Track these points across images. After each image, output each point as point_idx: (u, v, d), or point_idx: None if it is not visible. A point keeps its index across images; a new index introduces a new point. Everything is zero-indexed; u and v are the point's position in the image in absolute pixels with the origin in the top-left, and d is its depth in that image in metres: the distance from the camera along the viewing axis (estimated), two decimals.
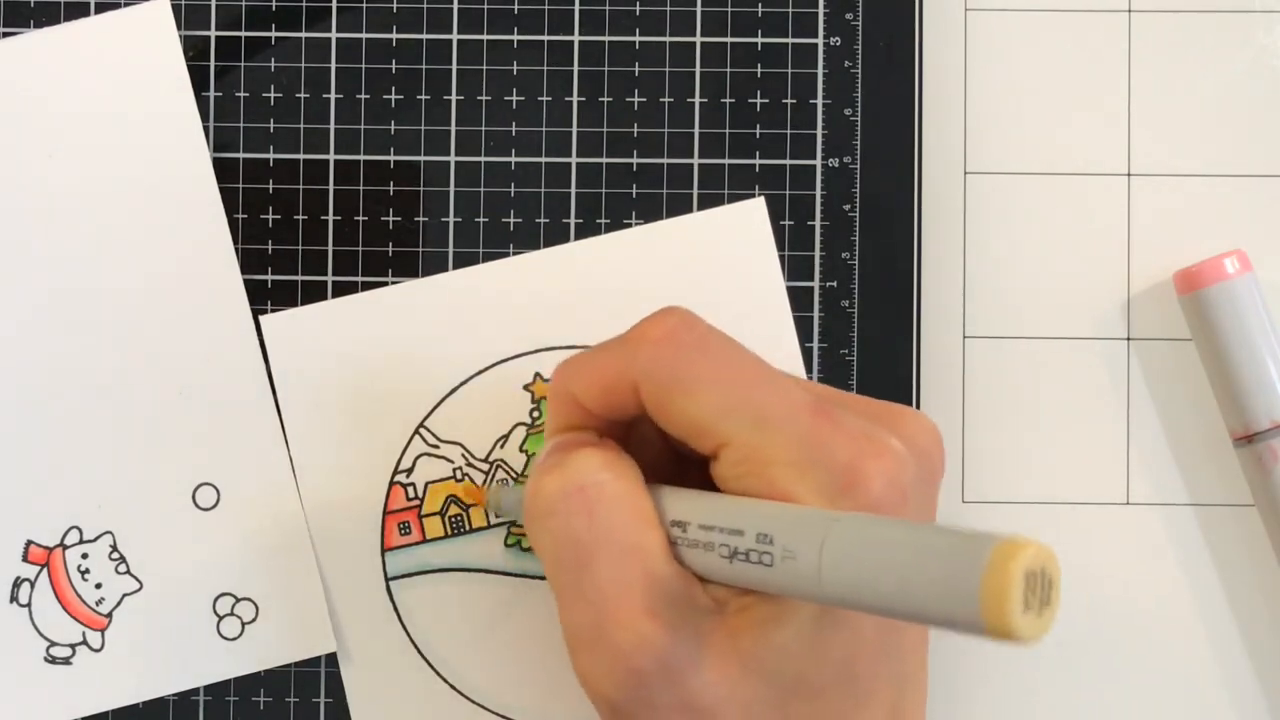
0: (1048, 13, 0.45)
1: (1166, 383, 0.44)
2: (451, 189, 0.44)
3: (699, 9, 0.44)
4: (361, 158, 0.44)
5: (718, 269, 0.44)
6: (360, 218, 0.44)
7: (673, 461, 0.36)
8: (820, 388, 0.36)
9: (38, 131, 0.43)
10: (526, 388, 0.44)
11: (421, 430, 0.43)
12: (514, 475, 0.43)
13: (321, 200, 0.44)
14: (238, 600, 0.43)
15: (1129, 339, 0.45)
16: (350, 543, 0.43)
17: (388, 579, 0.43)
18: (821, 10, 0.44)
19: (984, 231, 0.45)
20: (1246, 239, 0.44)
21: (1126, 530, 0.44)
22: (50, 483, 0.43)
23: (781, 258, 0.44)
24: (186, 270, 0.43)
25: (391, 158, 0.44)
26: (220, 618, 0.43)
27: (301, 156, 0.44)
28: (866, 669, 0.33)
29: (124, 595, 0.43)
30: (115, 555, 0.43)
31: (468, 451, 0.43)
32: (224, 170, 0.44)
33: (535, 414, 0.44)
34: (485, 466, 0.43)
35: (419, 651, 0.43)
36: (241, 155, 0.44)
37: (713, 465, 0.34)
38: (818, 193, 0.44)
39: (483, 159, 0.44)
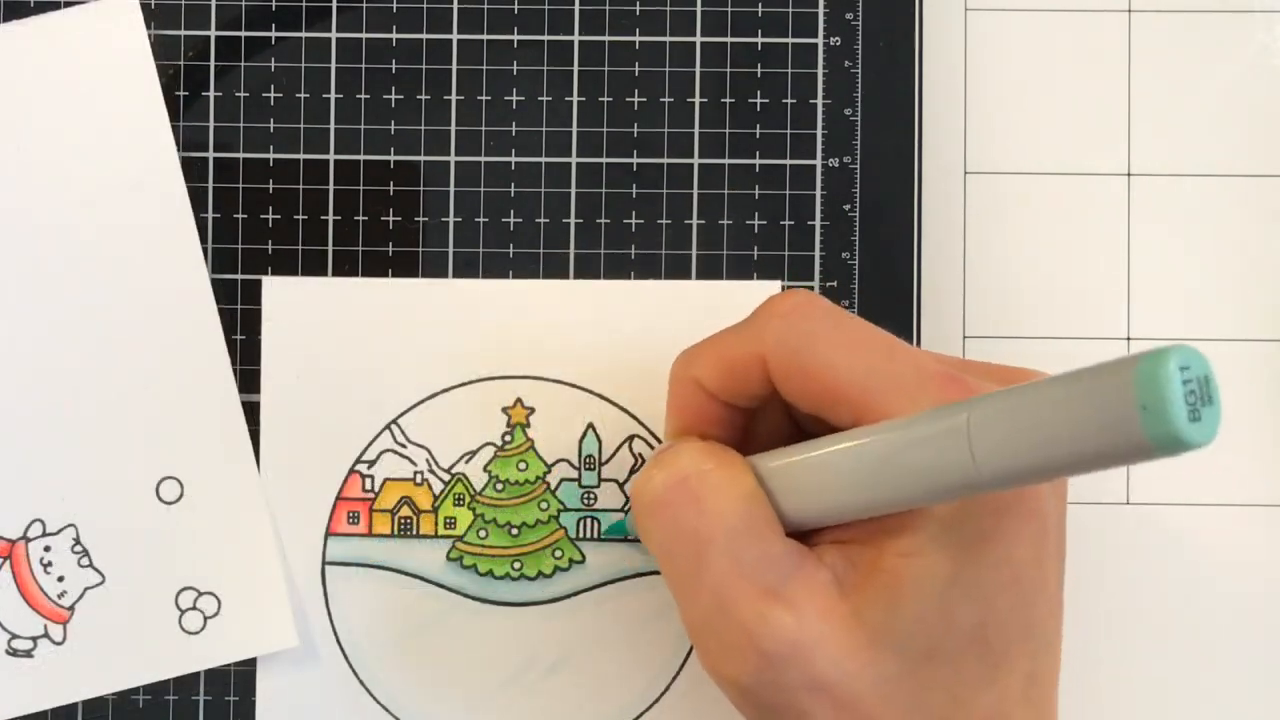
0: (1048, 13, 0.45)
1: None
2: (451, 189, 0.44)
3: (699, 9, 0.44)
4: (361, 158, 0.44)
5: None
6: (360, 218, 0.44)
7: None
8: (949, 358, 0.36)
9: (2, 127, 0.43)
10: (505, 410, 0.43)
11: (393, 426, 0.43)
12: (473, 491, 0.43)
13: (321, 200, 0.44)
14: (200, 594, 0.43)
15: (1129, 339, 0.45)
16: (297, 519, 0.43)
17: (324, 562, 0.43)
18: (821, 10, 0.44)
19: (984, 231, 0.45)
20: (1246, 239, 0.44)
21: (1126, 530, 0.44)
22: (13, 475, 0.43)
23: (781, 258, 0.44)
24: (152, 266, 0.43)
25: (391, 158, 0.44)
26: (182, 612, 0.43)
27: (301, 156, 0.44)
28: (999, 636, 0.33)
29: (86, 588, 0.43)
30: (78, 548, 0.43)
31: (432, 457, 0.43)
32: (224, 170, 0.44)
33: (507, 438, 0.43)
34: (446, 476, 0.43)
35: (337, 641, 0.43)
36: (241, 155, 0.44)
37: None
38: (818, 193, 0.44)
39: (483, 159, 0.44)
